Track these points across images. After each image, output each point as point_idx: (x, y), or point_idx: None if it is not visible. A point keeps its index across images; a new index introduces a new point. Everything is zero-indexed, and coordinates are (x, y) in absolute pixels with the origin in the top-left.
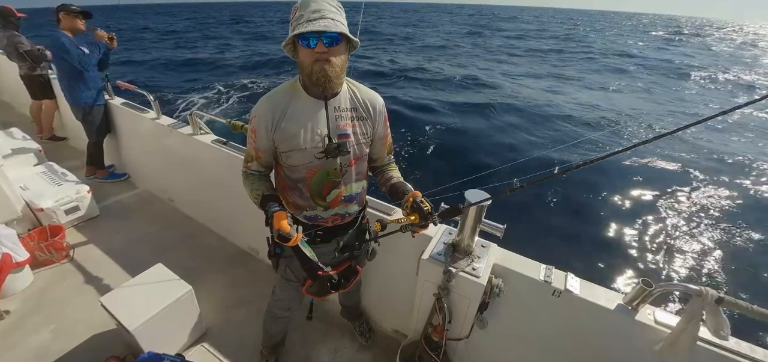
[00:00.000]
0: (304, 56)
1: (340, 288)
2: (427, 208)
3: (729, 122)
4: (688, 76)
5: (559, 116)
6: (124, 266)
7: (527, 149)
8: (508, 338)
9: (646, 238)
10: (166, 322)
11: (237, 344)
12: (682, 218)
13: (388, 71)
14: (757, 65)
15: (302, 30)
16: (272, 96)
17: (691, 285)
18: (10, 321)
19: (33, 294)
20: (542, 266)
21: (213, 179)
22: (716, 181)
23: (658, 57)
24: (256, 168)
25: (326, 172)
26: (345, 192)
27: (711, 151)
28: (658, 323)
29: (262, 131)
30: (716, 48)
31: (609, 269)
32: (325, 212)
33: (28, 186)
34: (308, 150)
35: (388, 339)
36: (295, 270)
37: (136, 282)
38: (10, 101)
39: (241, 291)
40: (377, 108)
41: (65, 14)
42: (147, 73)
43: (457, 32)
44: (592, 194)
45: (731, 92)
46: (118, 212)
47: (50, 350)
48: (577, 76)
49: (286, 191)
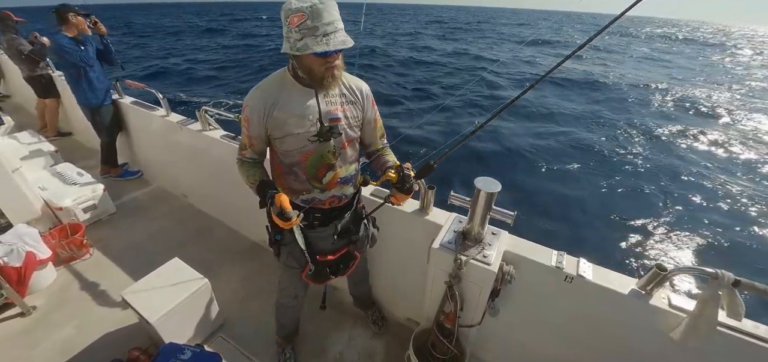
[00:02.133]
0: (314, 63)
1: (340, 274)
2: (409, 172)
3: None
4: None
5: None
6: (142, 261)
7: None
8: (520, 324)
9: (659, 223)
10: (184, 314)
11: (253, 334)
12: (700, 201)
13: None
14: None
15: (325, 48)
16: (263, 86)
17: (706, 268)
18: (36, 316)
19: (56, 291)
20: (554, 252)
21: (223, 173)
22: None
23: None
24: (250, 156)
25: (321, 155)
26: (341, 174)
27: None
28: (673, 307)
29: (254, 120)
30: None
31: (623, 255)
32: (322, 195)
33: (47, 186)
34: (301, 135)
35: (401, 326)
36: (297, 256)
37: (155, 276)
38: (22, 103)
39: (256, 283)
40: (364, 92)
41: (75, 15)
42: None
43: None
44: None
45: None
46: (133, 208)
47: (75, 343)
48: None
49: (282, 176)
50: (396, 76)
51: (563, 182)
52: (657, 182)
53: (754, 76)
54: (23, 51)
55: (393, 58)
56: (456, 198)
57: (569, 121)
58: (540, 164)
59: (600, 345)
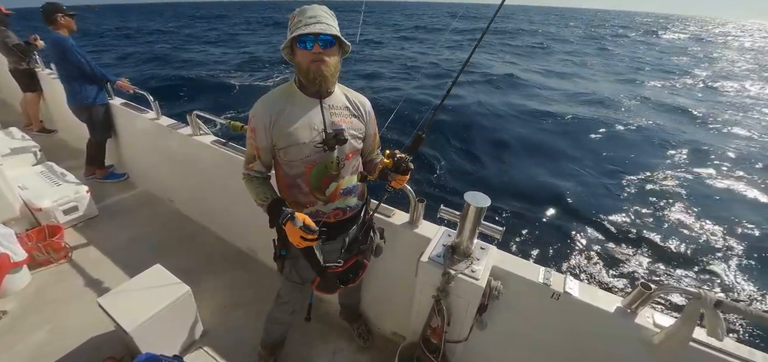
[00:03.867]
0: (301, 57)
1: (349, 283)
2: (401, 155)
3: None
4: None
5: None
6: (123, 267)
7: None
8: (507, 340)
9: (645, 240)
10: (164, 323)
11: (235, 345)
12: (683, 219)
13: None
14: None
15: (300, 32)
16: (269, 97)
17: (690, 287)
18: (7, 321)
19: (31, 294)
20: (541, 268)
21: (212, 179)
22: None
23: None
24: (258, 169)
25: (324, 165)
26: (343, 185)
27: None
28: (657, 326)
29: (261, 129)
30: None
31: (607, 273)
32: (325, 207)
33: (27, 185)
34: (306, 144)
35: (387, 340)
36: (300, 271)
37: (135, 283)
38: (7, 99)
39: (240, 293)
40: (367, 108)
41: (63, 15)
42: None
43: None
44: (592, 197)
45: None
46: (117, 212)
47: (47, 350)
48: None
49: (287, 189)
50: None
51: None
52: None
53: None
54: (8, 43)
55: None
56: (445, 212)
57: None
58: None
59: (585, 361)
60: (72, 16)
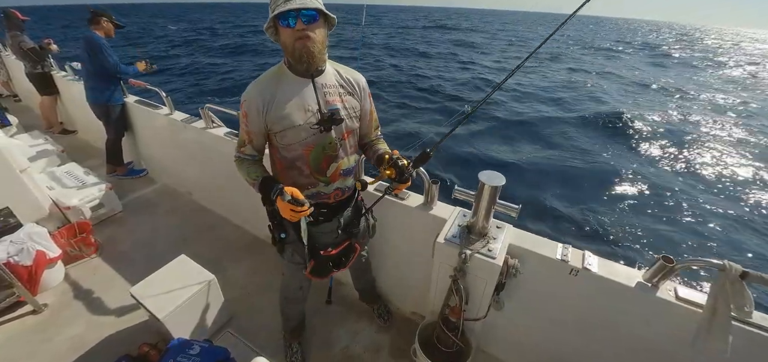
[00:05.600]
0: (285, 37)
1: (342, 267)
2: (404, 163)
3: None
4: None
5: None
6: (149, 259)
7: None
8: (525, 317)
9: (666, 214)
10: (192, 310)
11: (260, 328)
12: (703, 193)
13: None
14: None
15: (281, 10)
16: (260, 81)
17: (713, 259)
18: (48, 313)
19: (66, 289)
20: (559, 245)
21: (227, 170)
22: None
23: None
24: (249, 152)
25: (322, 146)
26: (343, 165)
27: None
28: (680, 299)
29: (253, 114)
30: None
31: (629, 249)
32: (326, 188)
33: (54, 186)
34: (302, 126)
35: (407, 320)
36: (301, 252)
37: (162, 274)
38: (28, 104)
39: (261, 278)
40: (361, 84)
41: (108, 20)
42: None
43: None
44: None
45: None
46: (139, 207)
47: (86, 340)
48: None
49: (284, 172)
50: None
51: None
52: None
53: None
54: (23, 47)
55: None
56: (460, 192)
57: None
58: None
59: (606, 336)
60: (115, 25)
